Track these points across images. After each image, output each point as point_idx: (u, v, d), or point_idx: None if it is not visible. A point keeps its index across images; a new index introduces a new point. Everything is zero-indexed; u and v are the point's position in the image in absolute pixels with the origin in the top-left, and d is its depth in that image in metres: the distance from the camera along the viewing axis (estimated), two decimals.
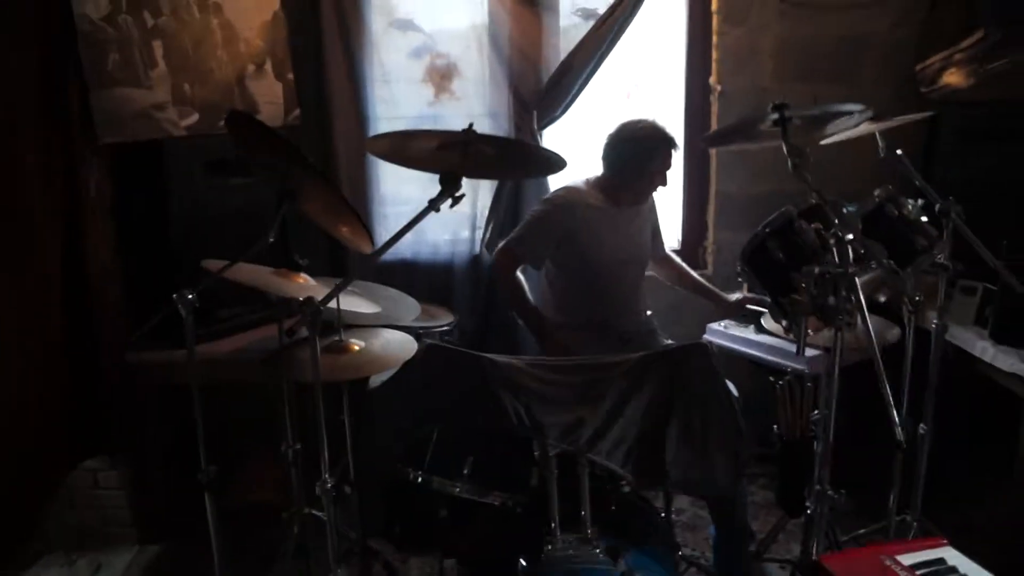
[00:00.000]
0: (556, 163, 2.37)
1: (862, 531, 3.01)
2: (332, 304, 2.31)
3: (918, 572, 1.68)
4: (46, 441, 3.07)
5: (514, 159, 2.22)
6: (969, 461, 3.70)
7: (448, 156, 2.03)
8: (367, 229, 2.38)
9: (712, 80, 3.83)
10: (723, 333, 3.46)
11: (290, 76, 3.72)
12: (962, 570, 1.70)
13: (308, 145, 3.74)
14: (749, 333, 3.37)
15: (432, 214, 1.98)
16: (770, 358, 3.21)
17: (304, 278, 2.58)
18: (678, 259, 3.57)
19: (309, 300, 1.96)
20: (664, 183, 3.15)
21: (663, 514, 2.50)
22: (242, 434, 3.47)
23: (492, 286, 3.84)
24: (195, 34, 3.41)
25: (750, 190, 3.81)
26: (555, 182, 3.46)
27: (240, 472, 3.65)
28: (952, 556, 1.75)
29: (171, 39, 3.33)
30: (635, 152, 3.08)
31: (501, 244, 3.28)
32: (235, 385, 3.16)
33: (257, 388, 3.17)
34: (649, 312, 3.39)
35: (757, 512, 3.49)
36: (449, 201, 1.97)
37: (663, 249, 3.53)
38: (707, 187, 3.96)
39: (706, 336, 3.47)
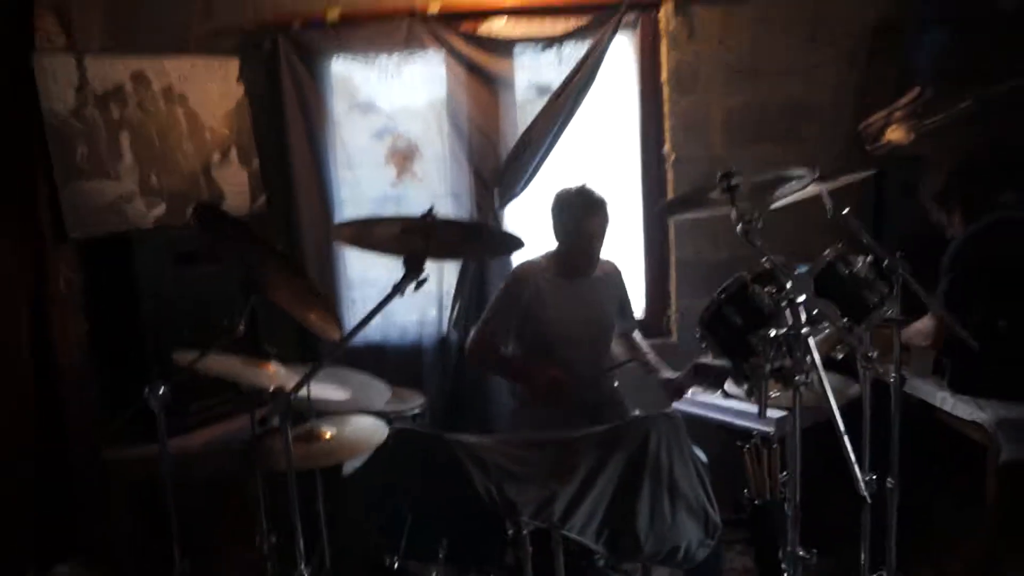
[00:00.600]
0: (513, 244, 2.42)
1: None
2: (303, 392, 2.36)
3: None
4: (11, 545, 3.01)
5: (475, 240, 2.27)
6: (940, 511, 3.73)
7: (411, 240, 2.07)
8: (335, 316, 2.40)
9: (666, 148, 3.92)
10: (690, 400, 3.48)
11: (255, 163, 3.80)
12: None
13: (275, 230, 3.81)
14: (716, 399, 3.40)
15: (399, 296, 2.01)
16: (738, 422, 3.23)
17: (274, 366, 2.59)
18: (639, 338, 3.52)
19: (279, 390, 1.98)
20: (599, 246, 3.14)
21: None
22: (217, 528, 3.42)
23: (460, 366, 3.86)
24: (161, 125, 3.47)
25: (709, 256, 3.88)
26: (519, 259, 3.51)
27: (216, 567, 3.60)
28: None
29: (137, 130, 3.38)
30: (568, 217, 3.12)
31: (471, 333, 3.30)
32: (209, 478, 3.13)
33: (231, 480, 3.14)
34: (616, 383, 3.41)
35: None
36: (413, 284, 2.00)
37: (629, 327, 3.50)
38: (667, 255, 4.02)
39: (674, 404, 3.50)
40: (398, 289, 1.96)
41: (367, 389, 2.86)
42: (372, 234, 2.21)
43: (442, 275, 3.87)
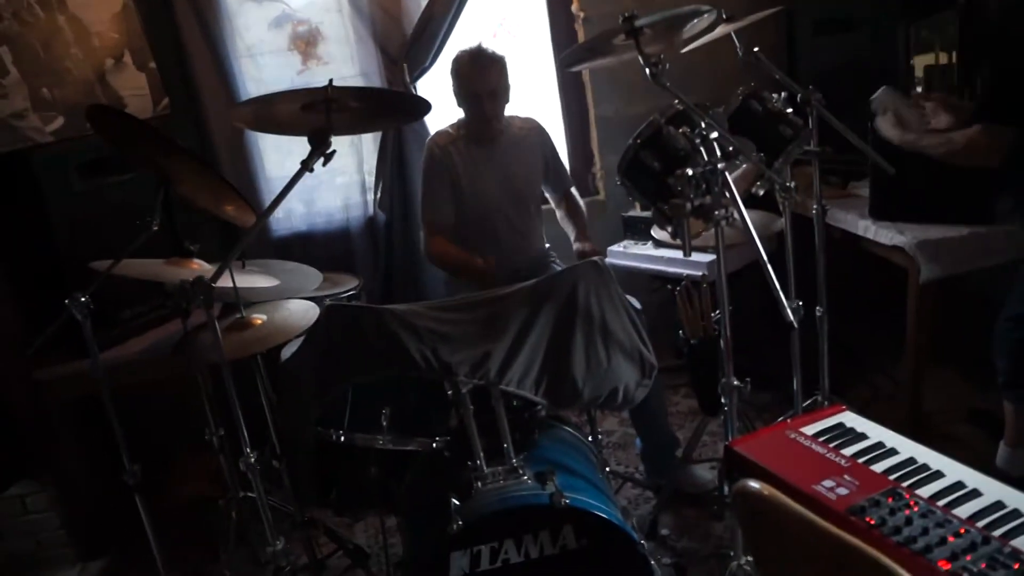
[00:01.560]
0: (422, 106, 2.38)
1: (780, 419, 3.14)
2: (231, 284, 2.33)
3: (820, 439, 1.76)
4: None
5: (380, 108, 2.22)
6: (869, 334, 3.89)
7: (314, 116, 2.02)
8: (248, 203, 2.36)
9: (574, 7, 3.85)
10: (623, 253, 3.54)
11: (152, 65, 3.64)
12: (859, 429, 1.79)
13: (183, 132, 3.69)
14: (647, 249, 3.45)
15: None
16: (670, 269, 3.31)
17: (198, 263, 2.55)
18: (578, 199, 3.48)
19: (198, 279, 1.94)
20: (491, 103, 3.09)
21: (590, 437, 2.58)
22: (166, 431, 3.44)
23: (391, 245, 3.84)
24: (43, 34, 3.28)
25: (627, 111, 3.87)
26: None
27: (171, 469, 3.62)
28: (850, 419, 1.84)
29: (17, 43, 3.19)
30: (461, 77, 3.09)
31: (422, 236, 3.28)
32: (150, 383, 3.11)
33: (173, 382, 3.13)
34: (548, 245, 3.42)
35: (683, 420, 3.62)
36: (321, 160, 1.96)
37: (565, 185, 3.45)
38: (586, 114, 4.01)
39: (608, 259, 3.54)
40: (306, 165, 1.92)
41: (297, 276, 2.85)
42: (273, 113, 2.15)
43: (361, 157, 3.83)
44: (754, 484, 1.42)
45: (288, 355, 2.68)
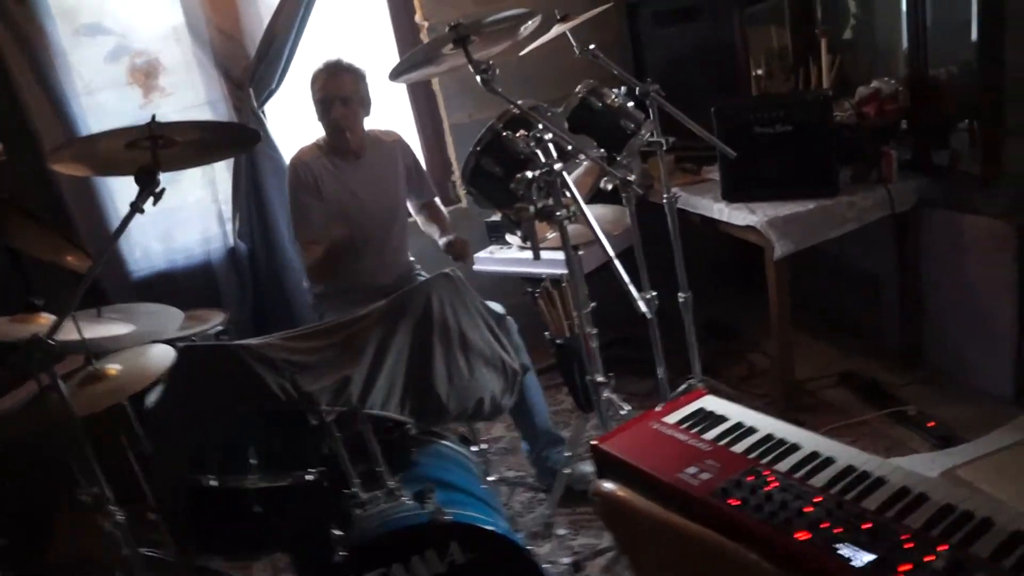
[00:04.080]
0: (249, 136, 2.33)
1: (657, 408, 3.18)
2: (80, 335, 2.23)
3: (682, 426, 1.79)
4: None
5: (209, 141, 2.15)
6: (742, 312, 4.00)
7: (141, 153, 1.94)
8: (83, 248, 2.26)
9: (418, 18, 3.84)
10: (489, 259, 3.54)
11: None
12: (718, 412, 1.83)
13: (22, 178, 3.51)
14: (513, 252, 3.46)
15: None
16: (535, 270, 3.31)
17: (46, 318, 2.44)
18: (440, 206, 3.47)
19: (34, 337, 1.85)
20: (343, 110, 3.06)
21: (474, 448, 2.57)
22: (43, 491, 3.27)
23: (257, 275, 3.76)
24: None
25: (479, 116, 3.88)
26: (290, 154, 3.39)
27: (51, 533, 3.45)
28: (709, 403, 1.88)
29: None
30: (312, 87, 3.08)
31: (300, 255, 3.23)
32: (15, 444, 2.96)
33: (40, 443, 2.98)
34: (412, 259, 3.40)
35: (568, 418, 3.63)
36: (151, 199, 1.89)
37: (427, 195, 3.43)
38: (439, 122, 4.00)
39: (476, 266, 3.54)
40: (135, 207, 1.85)
41: (157, 318, 2.74)
42: (97, 154, 2.06)
43: (215, 188, 3.73)
44: (608, 485, 1.44)
45: (152, 401, 2.58)
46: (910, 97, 3.15)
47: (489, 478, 2.54)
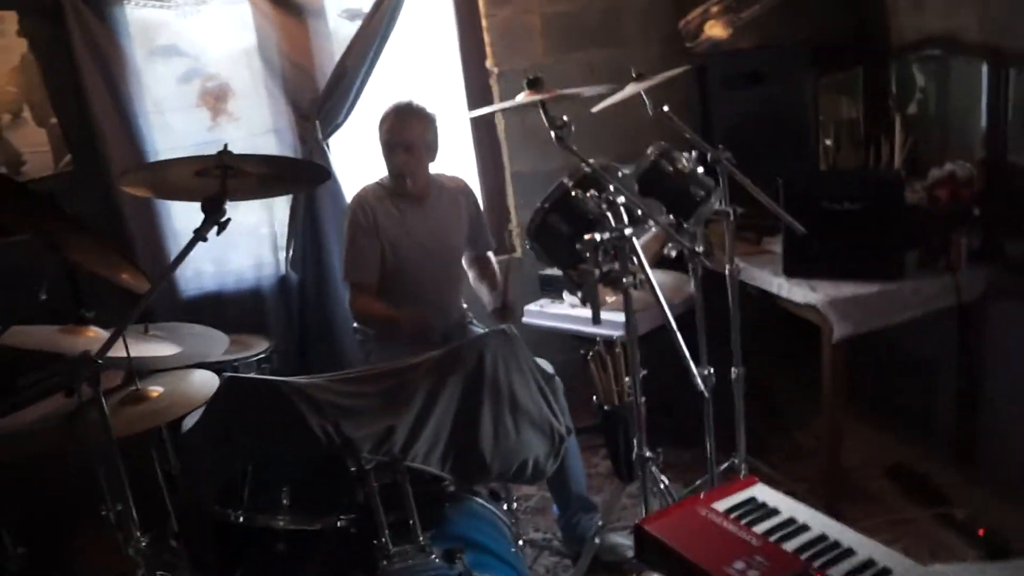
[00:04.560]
0: (319, 174, 2.31)
1: (698, 482, 3.10)
2: (127, 354, 2.21)
3: (731, 515, 1.71)
4: None
5: (279, 174, 2.14)
6: (787, 392, 3.90)
7: (209, 181, 1.93)
8: (142, 271, 2.25)
9: (488, 63, 3.84)
10: (540, 312, 3.50)
11: (53, 121, 3.52)
12: (771, 504, 1.75)
13: (87, 189, 3.55)
14: (565, 308, 3.41)
15: (232, 242, 1.90)
16: (586, 329, 3.26)
17: (95, 331, 2.44)
18: (493, 260, 3.42)
19: (84, 354, 1.83)
20: (406, 156, 3.03)
21: (505, 506, 2.50)
22: (71, 502, 3.25)
23: (304, 306, 3.74)
24: None
25: (542, 167, 3.86)
26: (351, 191, 3.38)
27: (72, 546, 3.43)
28: (761, 493, 1.80)
29: None
30: (379, 128, 3.06)
31: (348, 290, 3.18)
32: (48, 454, 2.95)
33: (72, 454, 2.97)
34: (464, 305, 3.36)
35: (602, 483, 3.54)
36: (215, 228, 1.87)
37: (483, 247, 3.39)
38: (501, 170, 3.99)
39: (525, 318, 3.49)
40: (199, 235, 1.83)
41: (203, 341, 2.73)
42: (166, 180, 2.06)
43: (273, 216, 3.74)
44: None
45: (189, 425, 2.55)
46: (985, 182, 3.07)
47: (519, 542, 2.47)
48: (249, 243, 3.76)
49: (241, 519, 2.17)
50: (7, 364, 2.93)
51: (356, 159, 3.79)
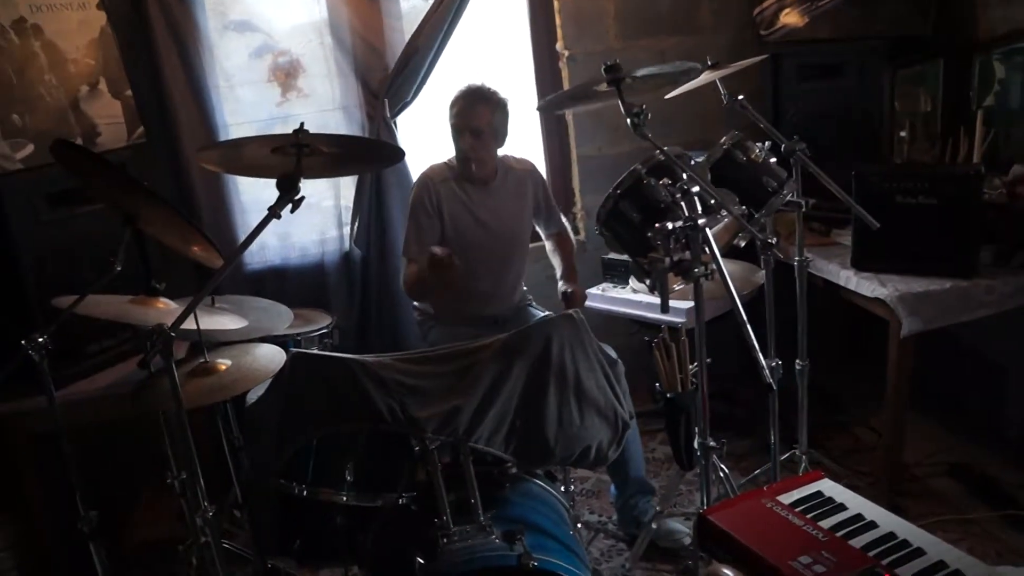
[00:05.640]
0: (394, 155, 2.32)
1: (757, 471, 3.09)
2: (197, 326, 2.25)
3: (797, 509, 1.70)
4: None
5: (353, 154, 2.16)
6: (850, 385, 3.85)
7: (283, 159, 1.96)
8: (215, 244, 2.29)
9: (559, 46, 3.83)
10: (601, 296, 3.49)
11: (128, 93, 3.57)
12: (838, 499, 1.74)
13: (158, 162, 3.61)
14: (627, 293, 3.40)
15: (297, 216, 1.93)
16: (649, 315, 3.25)
17: (165, 302, 2.48)
18: (570, 235, 3.48)
19: (158, 327, 1.87)
20: (472, 140, 3.05)
21: (563, 488, 2.51)
22: (136, 467, 3.34)
23: (366, 283, 3.78)
24: (17, 61, 3.20)
25: (609, 151, 3.86)
26: (417, 169, 3.40)
27: (139, 507, 3.52)
28: (828, 487, 1.79)
29: None
30: (453, 114, 3.07)
31: (403, 266, 3.21)
32: (117, 421, 3.02)
33: (140, 421, 3.04)
34: (524, 288, 3.37)
35: (659, 468, 3.55)
36: (290, 206, 1.90)
37: (555, 226, 3.44)
38: (568, 153, 3.98)
39: (587, 302, 3.49)
40: (273, 212, 1.86)
41: (267, 314, 2.77)
42: (241, 157, 2.09)
43: (339, 191, 3.77)
44: (727, 571, 1.37)
45: (254, 399, 2.60)
46: None
47: (577, 524, 2.48)
48: (314, 218, 3.79)
49: (305, 493, 2.21)
50: (77, 332, 2.99)
51: (423, 138, 3.81)
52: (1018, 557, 2.77)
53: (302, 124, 1.93)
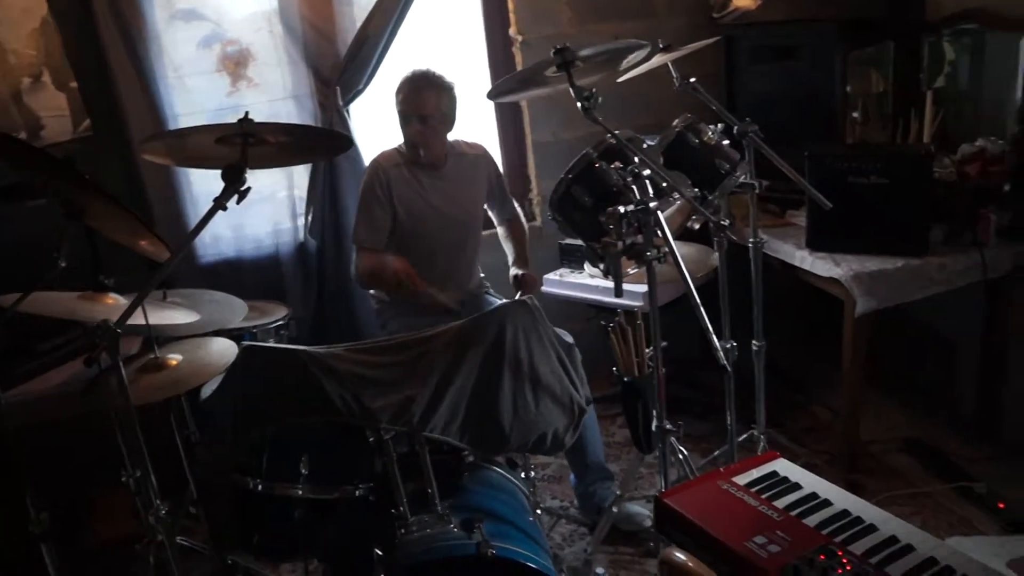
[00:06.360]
0: (341, 143, 2.29)
1: (717, 452, 3.11)
2: (146, 321, 2.21)
3: (753, 489, 1.71)
4: None
5: (301, 143, 2.13)
6: (807, 364, 3.88)
7: (230, 149, 1.92)
8: (162, 239, 2.24)
9: (512, 31, 3.80)
10: (559, 281, 3.49)
11: (73, 84, 3.50)
12: (792, 479, 1.75)
13: (106, 154, 3.54)
14: (583, 278, 3.39)
15: (251, 207, 1.89)
16: (606, 299, 3.25)
17: (114, 298, 2.43)
18: (522, 220, 3.45)
19: (103, 324, 1.83)
20: (420, 127, 3.02)
21: (523, 474, 2.51)
22: (92, 464, 3.28)
23: (322, 273, 3.74)
24: None
25: (564, 135, 3.84)
26: (371, 157, 3.36)
27: (94, 504, 3.46)
28: (783, 467, 1.80)
29: None
30: (396, 96, 3.04)
31: (354, 253, 3.19)
32: (71, 419, 2.97)
33: (93, 419, 2.99)
34: (482, 275, 3.35)
35: (619, 451, 3.56)
36: (235, 197, 1.86)
37: (508, 212, 3.42)
38: (523, 138, 3.97)
39: (544, 287, 3.49)
40: (219, 204, 1.83)
41: (221, 308, 2.73)
42: (186, 147, 2.05)
43: (292, 181, 3.71)
44: (679, 555, 1.37)
45: (208, 393, 2.56)
46: (1017, 159, 3.03)
47: (537, 510, 2.47)
48: (268, 208, 3.73)
49: (260, 487, 2.19)
50: (27, 330, 2.93)
51: (376, 125, 3.76)
52: (969, 527, 2.83)
53: (247, 113, 1.90)
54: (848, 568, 1.44)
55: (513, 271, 3.18)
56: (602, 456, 3.08)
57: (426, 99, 2.99)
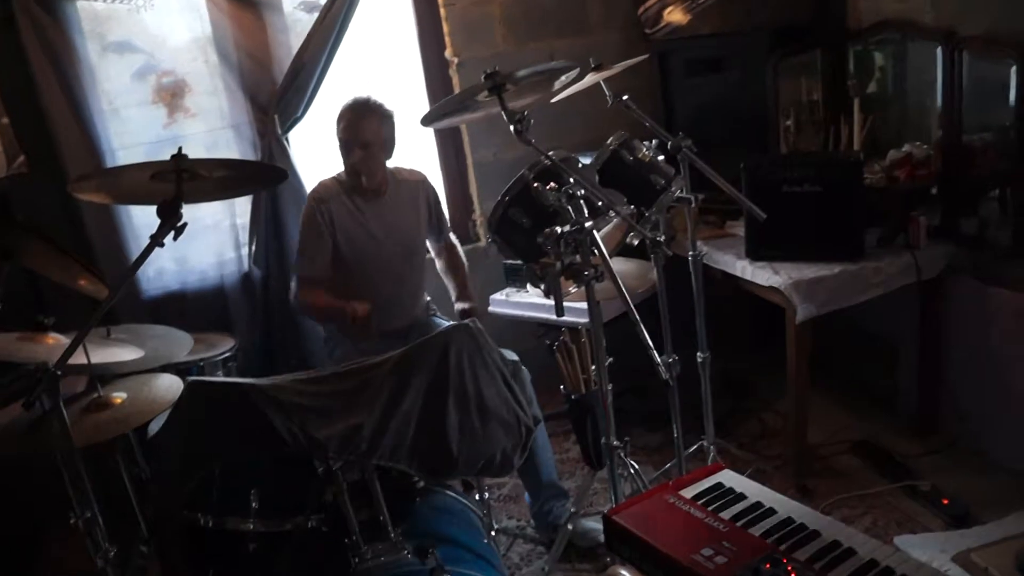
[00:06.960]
0: (276, 176, 2.29)
1: (669, 464, 3.13)
2: (88, 360, 2.18)
3: (699, 502, 1.74)
4: None
5: (237, 177, 2.12)
6: (757, 369, 3.94)
7: (165, 185, 1.91)
8: (100, 277, 2.22)
9: (448, 53, 3.82)
10: (505, 301, 3.50)
11: (5, 120, 3.44)
12: (738, 489, 1.79)
13: (42, 191, 3.47)
14: (530, 297, 3.41)
15: (194, 239, 1.88)
16: (553, 318, 3.24)
17: (55, 337, 2.40)
18: (459, 251, 3.44)
19: (42, 366, 1.81)
20: (360, 153, 3.01)
21: (477, 496, 2.51)
22: (36, 513, 3.22)
23: (268, 304, 3.72)
24: None
25: (504, 155, 3.86)
26: (312, 185, 3.35)
27: (44, 554, 3.39)
28: (728, 478, 1.83)
29: None
30: (340, 128, 3.03)
31: (293, 280, 3.17)
32: (13, 463, 2.91)
33: (38, 460, 2.93)
34: (429, 299, 3.36)
35: (574, 468, 3.56)
36: (172, 233, 1.85)
37: (444, 239, 3.41)
38: (464, 159, 3.98)
39: (491, 307, 3.50)
40: (155, 241, 1.82)
41: (166, 342, 2.70)
42: (120, 184, 2.03)
43: (234, 211, 3.69)
44: (624, 573, 1.38)
45: (156, 430, 2.54)
46: (942, 162, 3.11)
47: (491, 532, 2.48)
48: (211, 239, 3.70)
49: (210, 523, 2.16)
50: None
51: (317, 153, 3.75)
52: (916, 524, 2.87)
53: (180, 149, 1.89)
54: (793, 574, 1.47)
55: (459, 306, 3.19)
56: (555, 474, 3.08)
57: (368, 126, 2.99)
